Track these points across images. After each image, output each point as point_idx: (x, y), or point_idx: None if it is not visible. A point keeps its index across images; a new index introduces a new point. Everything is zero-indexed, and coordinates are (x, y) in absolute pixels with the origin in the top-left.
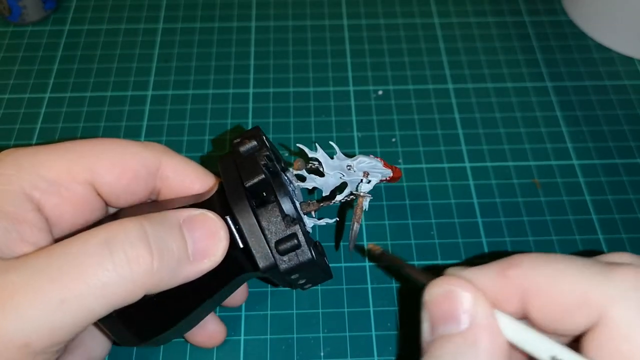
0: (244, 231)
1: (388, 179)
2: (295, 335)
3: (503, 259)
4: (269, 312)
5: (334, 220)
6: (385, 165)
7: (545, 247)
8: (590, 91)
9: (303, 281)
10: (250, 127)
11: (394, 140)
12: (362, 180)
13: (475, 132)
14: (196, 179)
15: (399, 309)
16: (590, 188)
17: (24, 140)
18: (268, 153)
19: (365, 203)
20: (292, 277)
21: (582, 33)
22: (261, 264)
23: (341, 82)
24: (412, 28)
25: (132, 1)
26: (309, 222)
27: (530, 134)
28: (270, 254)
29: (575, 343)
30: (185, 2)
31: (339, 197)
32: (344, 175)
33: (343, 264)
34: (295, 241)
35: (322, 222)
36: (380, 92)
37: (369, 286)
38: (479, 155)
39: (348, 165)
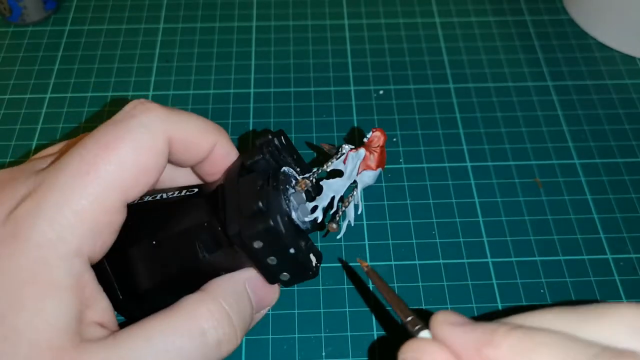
0: (225, 203)
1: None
2: (296, 335)
3: (491, 323)
4: (270, 311)
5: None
6: (377, 159)
7: (546, 247)
8: (592, 90)
9: (275, 262)
10: (251, 127)
11: (395, 139)
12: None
13: (477, 132)
14: (204, 134)
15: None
16: (591, 187)
17: (24, 140)
18: (276, 144)
19: (352, 198)
20: (255, 245)
21: (583, 32)
22: (230, 230)
23: (342, 81)
24: (413, 27)
25: (133, 1)
26: (309, 219)
27: (531, 133)
28: (238, 220)
29: None
30: (186, 2)
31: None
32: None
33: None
34: (261, 204)
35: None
36: (381, 92)
37: (371, 286)
38: (480, 154)
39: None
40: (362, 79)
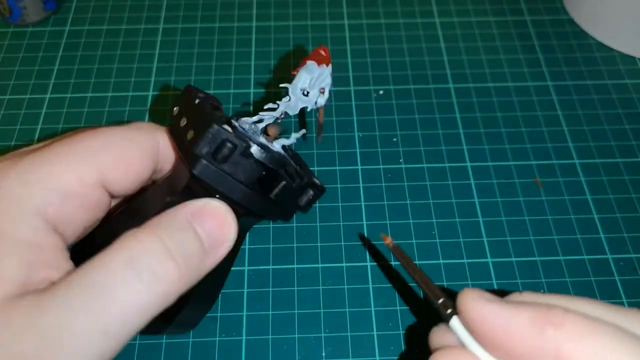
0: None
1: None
2: (296, 335)
3: (538, 304)
4: (270, 312)
5: (300, 133)
6: (321, 60)
7: (546, 246)
8: (592, 90)
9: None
10: None
11: (395, 140)
12: (319, 96)
13: (477, 132)
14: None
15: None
16: (591, 187)
17: (24, 141)
18: (213, 102)
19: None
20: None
21: (583, 32)
22: (195, 153)
23: (342, 81)
24: (412, 27)
25: (133, 1)
26: (277, 145)
27: (531, 133)
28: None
29: None
30: (185, 2)
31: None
32: (307, 106)
33: (344, 264)
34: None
35: (292, 139)
36: (381, 92)
37: (370, 286)
38: (480, 154)
39: (302, 91)
40: (362, 79)
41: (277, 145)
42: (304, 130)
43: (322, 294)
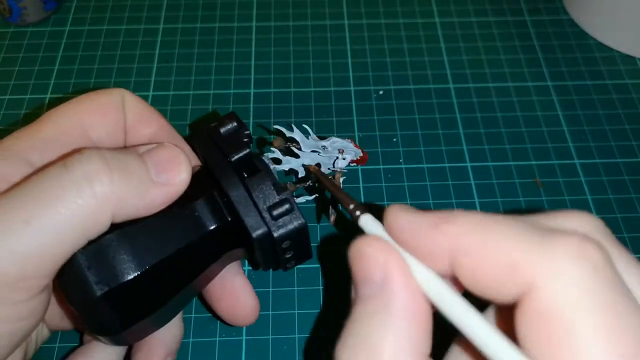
0: (233, 202)
1: (358, 159)
2: (296, 335)
3: (443, 211)
4: (270, 312)
5: (313, 196)
6: (355, 145)
7: None
8: (592, 90)
9: (290, 254)
10: (251, 127)
11: (395, 140)
12: (337, 158)
13: (477, 132)
14: (150, 115)
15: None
16: (591, 187)
17: None
18: (249, 132)
19: (340, 180)
20: (283, 246)
21: (583, 32)
22: (254, 232)
23: (342, 82)
24: (413, 28)
25: (133, 1)
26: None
27: (531, 133)
28: (263, 222)
29: (510, 312)
30: (185, 2)
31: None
32: (320, 154)
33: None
34: (288, 205)
35: (302, 199)
36: (381, 92)
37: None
38: (480, 154)
39: (323, 146)
40: (362, 79)
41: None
42: (316, 195)
43: (322, 294)
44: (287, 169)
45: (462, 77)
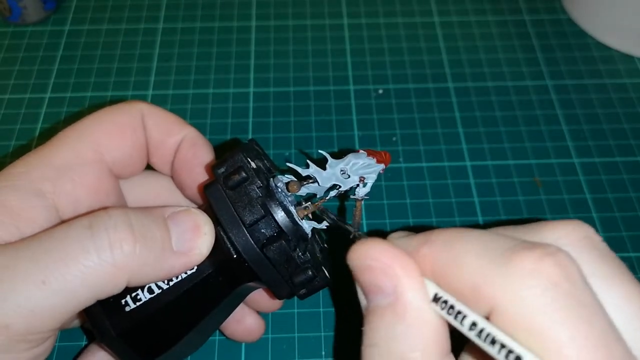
0: (253, 266)
1: (382, 171)
2: (296, 335)
3: (429, 231)
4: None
5: (331, 221)
6: (378, 159)
7: None
8: (590, 89)
9: (304, 291)
10: (250, 126)
11: (394, 139)
12: (358, 185)
13: (476, 131)
14: (173, 126)
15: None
16: (590, 186)
17: (24, 140)
18: (259, 183)
19: (361, 206)
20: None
21: (582, 31)
22: (279, 294)
23: (341, 81)
24: (412, 27)
25: (132, 1)
26: (308, 226)
27: (530, 132)
28: (286, 284)
29: None
30: (185, 1)
31: (332, 193)
32: (340, 188)
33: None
34: (310, 273)
35: (323, 225)
36: (380, 91)
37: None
38: (480, 153)
39: (342, 171)
40: (361, 78)
41: (306, 225)
42: (334, 219)
43: (321, 294)
44: (304, 194)
45: (461, 76)
